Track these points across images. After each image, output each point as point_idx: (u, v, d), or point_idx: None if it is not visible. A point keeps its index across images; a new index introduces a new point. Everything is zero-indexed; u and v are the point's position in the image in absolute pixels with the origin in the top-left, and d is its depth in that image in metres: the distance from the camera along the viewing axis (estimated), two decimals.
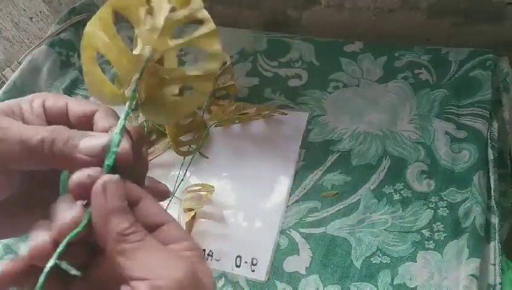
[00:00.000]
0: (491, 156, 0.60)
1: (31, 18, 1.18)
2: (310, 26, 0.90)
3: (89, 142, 0.25)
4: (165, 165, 0.67)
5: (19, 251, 0.61)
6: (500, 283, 0.51)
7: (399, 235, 0.55)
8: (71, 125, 0.27)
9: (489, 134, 0.62)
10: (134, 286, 0.22)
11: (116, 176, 0.25)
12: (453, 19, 0.79)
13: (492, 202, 0.56)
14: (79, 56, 0.88)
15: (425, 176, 0.60)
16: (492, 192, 0.57)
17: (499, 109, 0.66)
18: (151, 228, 0.25)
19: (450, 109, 0.66)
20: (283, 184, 0.62)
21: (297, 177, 0.62)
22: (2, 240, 0.62)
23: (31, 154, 0.25)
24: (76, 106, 0.28)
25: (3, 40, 1.29)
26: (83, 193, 0.24)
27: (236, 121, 0.69)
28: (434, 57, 0.73)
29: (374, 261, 0.53)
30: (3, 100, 0.92)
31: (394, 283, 0.52)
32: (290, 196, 0.61)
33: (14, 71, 0.86)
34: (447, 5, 0.78)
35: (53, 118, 0.27)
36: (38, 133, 0.25)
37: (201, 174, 0.66)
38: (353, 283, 0.52)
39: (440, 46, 0.74)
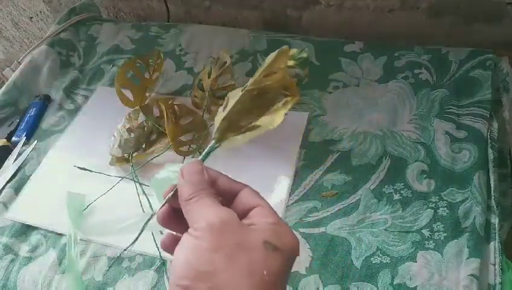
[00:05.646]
0: (491, 156, 0.60)
1: (31, 18, 1.18)
2: (310, 26, 0.90)
3: None
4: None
5: (19, 251, 0.61)
6: (500, 283, 0.50)
7: (399, 235, 0.55)
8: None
9: (489, 134, 0.62)
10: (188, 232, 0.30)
11: (192, 160, 0.34)
12: (453, 19, 0.79)
13: (492, 202, 0.56)
14: (79, 56, 0.88)
15: (425, 176, 0.60)
16: (492, 192, 0.57)
17: (499, 109, 0.66)
18: (232, 195, 0.33)
19: (450, 108, 0.66)
20: (283, 184, 0.62)
21: (297, 177, 0.62)
22: (2, 240, 0.62)
23: None
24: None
25: (3, 40, 1.29)
26: None
27: None
28: (434, 57, 0.73)
29: (374, 261, 0.53)
30: (3, 100, 0.91)
31: (394, 282, 0.52)
32: (290, 195, 0.61)
33: (14, 71, 0.86)
34: (447, 5, 0.78)
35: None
36: None
37: None
38: (353, 283, 0.52)
39: (440, 46, 0.74)
